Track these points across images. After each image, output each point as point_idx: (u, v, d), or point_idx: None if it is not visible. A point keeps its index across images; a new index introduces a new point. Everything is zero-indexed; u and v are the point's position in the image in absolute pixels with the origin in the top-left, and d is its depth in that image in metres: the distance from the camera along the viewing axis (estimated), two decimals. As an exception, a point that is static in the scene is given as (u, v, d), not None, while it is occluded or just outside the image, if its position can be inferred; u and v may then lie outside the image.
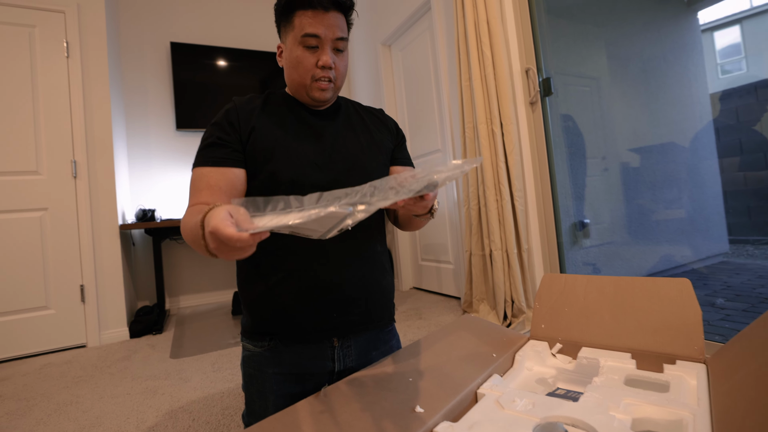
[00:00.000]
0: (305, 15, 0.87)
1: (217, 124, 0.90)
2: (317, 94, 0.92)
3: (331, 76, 0.91)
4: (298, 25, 0.88)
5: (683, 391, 0.63)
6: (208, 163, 0.86)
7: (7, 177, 2.28)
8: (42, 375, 1.96)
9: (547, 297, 0.93)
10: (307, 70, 0.90)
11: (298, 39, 0.88)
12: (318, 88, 0.91)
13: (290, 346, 0.90)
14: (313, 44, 0.88)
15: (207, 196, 0.83)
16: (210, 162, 0.86)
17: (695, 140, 2.14)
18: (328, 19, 0.87)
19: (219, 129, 0.88)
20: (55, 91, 2.41)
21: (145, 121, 3.34)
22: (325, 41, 0.88)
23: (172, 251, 3.34)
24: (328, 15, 0.87)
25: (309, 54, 0.89)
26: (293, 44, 0.90)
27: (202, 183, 0.84)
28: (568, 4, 2.31)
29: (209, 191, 0.83)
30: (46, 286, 2.33)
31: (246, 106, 0.92)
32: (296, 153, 0.89)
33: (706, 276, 2.15)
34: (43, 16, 2.40)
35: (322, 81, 0.91)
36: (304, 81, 0.91)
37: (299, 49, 0.89)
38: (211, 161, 0.86)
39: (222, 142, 0.87)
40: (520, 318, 2.10)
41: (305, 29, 0.87)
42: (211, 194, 0.83)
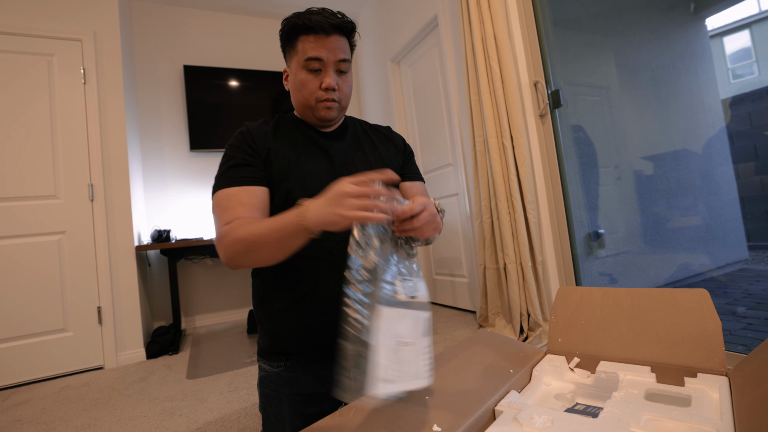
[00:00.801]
0: (308, 39, 0.90)
1: (237, 147, 0.91)
2: (323, 113, 0.94)
3: (335, 97, 0.94)
4: (301, 49, 0.90)
5: (705, 405, 0.62)
6: (235, 183, 0.86)
7: (27, 202, 2.33)
8: (60, 398, 1.98)
9: (563, 310, 0.92)
10: (312, 92, 0.93)
11: (301, 63, 0.91)
12: (324, 108, 0.94)
13: (307, 365, 0.90)
14: (316, 67, 0.91)
15: (242, 211, 0.83)
16: (237, 182, 0.86)
17: (708, 146, 2.11)
18: (330, 43, 0.90)
19: (241, 150, 0.90)
20: (72, 117, 2.48)
21: (160, 143, 3.41)
22: (328, 64, 0.91)
23: (187, 271, 3.37)
24: (330, 39, 0.90)
25: (313, 77, 0.92)
26: (297, 68, 0.93)
27: (233, 202, 0.84)
28: (575, 16, 2.33)
29: (243, 208, 0.83)
30: (64, 309, 2.37)
31: (259, 130, 0.94)
32: (309, 174, 0.91)
33: (725, 284, 2.10)
34: (61, 44, 2.48)
35: (327, 101, 0.93)
36: (310, 102, 0.94)
37: (303, 73, 0.92)
38: (237, 181, 0.86)
39: (247, 162, 0.88)
40: (536, 331, 2.07)
41: (308, 53, 0.90)
42: (245, 210, 0.83)
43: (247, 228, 0.76)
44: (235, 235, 0.76)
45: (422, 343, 0.61)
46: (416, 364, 0.58)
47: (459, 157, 2.67)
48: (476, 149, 2.30)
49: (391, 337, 0.56)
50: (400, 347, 0.57)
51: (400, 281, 0.62)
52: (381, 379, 0.51)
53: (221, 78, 3.61)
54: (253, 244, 0.74)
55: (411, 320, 0.61)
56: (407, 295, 0.62)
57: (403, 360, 0.56)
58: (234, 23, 3.81)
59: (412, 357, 0.58)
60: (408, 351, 0.57)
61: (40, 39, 2.43)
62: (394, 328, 0.57)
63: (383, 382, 0.51)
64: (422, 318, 0.63)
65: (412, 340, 0.59)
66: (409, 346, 0.58)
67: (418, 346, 0.60)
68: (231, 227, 0.79)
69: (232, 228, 0.78)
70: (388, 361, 0.54)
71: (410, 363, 0.56)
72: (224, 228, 0.80)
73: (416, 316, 0.62)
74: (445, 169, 3.00)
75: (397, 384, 0.53)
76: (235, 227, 0.78)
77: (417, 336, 0.60)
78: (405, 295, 0.62)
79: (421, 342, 0.61)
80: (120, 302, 2.51)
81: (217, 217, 0.85)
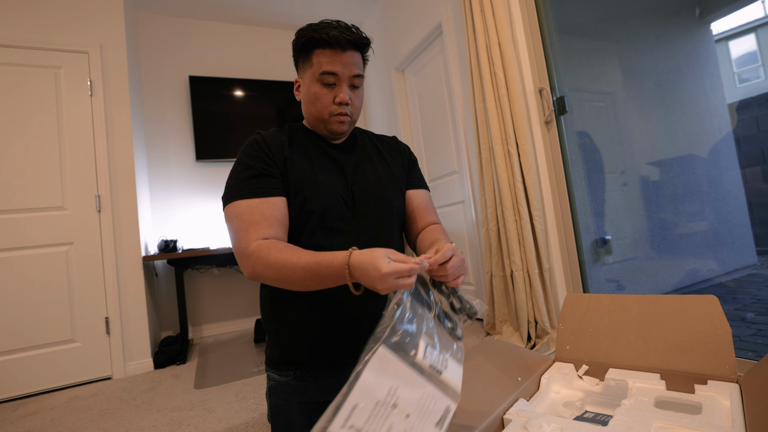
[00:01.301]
0: (323, 53, 0.90)
1: (254, 156, 0.90)
2: (335, 127, 0.95)
3: (347, 111, 0.94)
4: (317, 63, 0.91)
5: (716, 412, 0.61)
6: (257, 194, 0.86)
7: (35, 213, 2.36)
8: (69, 408, 1.99)
9: (571, 318, 0.92)
10: (325, 106, 0.93)
11: (316, 76, 0.92)
12: (336, 121, 0.94)
13: (316, 375, 0.90)
14: (330, 81, 0.91)
15: (267, 228, 0.83)
16: (258, 193, 0.86)
17: (715, 151, 2.10)
18: (345, 58, 0.91)
19: (260, 160, 0.89)
20: (79, 128, 2.51)
21: (166, 154, 3.44)
22: (342, 78, 0.92)
23: (194, 281, 3.38)
24: (346, 54, 0.91)
25: (327, 91, 0.92)
26: (311, 81, 0.93)
27: (255, 215, 0.84)
28: (579, 22, 2.34)
29: (267, 223, 0.84)
30: (72, 320, 2.38)
31: (274, 139, 0.94)
32: (323, 185, 0.92)
33: (734, 290, 2.08)
34: (68, 57, 2.51)
35: (340, 115, 0.94)
36: (322, 116, 0.94)
37: (317, 86, 0.92)
38: (259, 192, 0.86)
39: (266, 172, 0.88)
40: (544, 339, 2.06)
41: (323, 67, 0.90)
42: (270, 226, 0.83)
43: (281, 256, 0.76)
44: (266, 261, 0.77)
45: (427, 428, 0.51)
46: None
47: (464, 165, 2.67)
48: (481, 156, 2.31)
49: (382, 386, 0.48)
50: (390, 407, 0.48)
51: (426, 343, 0.55)
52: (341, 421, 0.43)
53: (226, 88, 3.64)
54: (286, 277, 0.76)
55: (420, 392, 0.52)
56: (430, 363, 0.54)
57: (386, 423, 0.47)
58: (238, 33, 3.85)
59: (401, 429, 0.48)
60: (398, 419, 0.48)
61: (47, 52, 2.47)
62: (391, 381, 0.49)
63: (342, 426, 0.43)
64: (441, 402, 0.54)
65: (412, 412, 0.50)
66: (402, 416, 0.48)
67: (418, 426, 0.50)
68: (261, 248, 0.79)
69: (261, 249, 0.79)
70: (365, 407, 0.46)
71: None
72: (253, 246, 0.80)
73: (432, 393, 0.53)
74: (450, 177, 3.00)
75: None
76: (267, 250, 0.78)
77: (422, 415, 0.51)
78: (426, 361, 0.54)
79: (425, 427, 0.51)
80: (127, 312, 2.52)
81: (241, 230, 0.83)
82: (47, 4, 2.49)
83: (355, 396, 0.45)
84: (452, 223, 2.98)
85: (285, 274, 0.75)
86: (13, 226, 2.30)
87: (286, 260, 0.75)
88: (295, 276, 0.74)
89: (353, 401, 0.45)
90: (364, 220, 0.94)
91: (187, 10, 3.55)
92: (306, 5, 3.66)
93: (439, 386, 0.55)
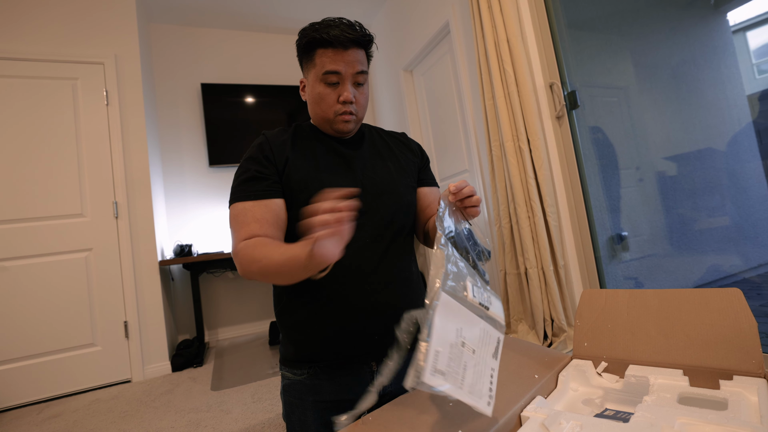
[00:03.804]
0: (326, 53, 0.90)
1: (252, 159, 0.91)
2: (341, 126, 0.95)
3: (352, 109, 0.94)
4: (319, 63, 0.91)
5: (743, 408, 0.59)
6: (250, 197, 0.87)
7: (55, 221, 2.41)
8: (91, 411, 2.02)
9: (588, 314, 0.90)
10: (330, 105, 0.93)
11: (319, 76, 0.92)
12: (342, 120, 0.94)
13: (330, 373, 0.90)
14: (334, 81, 0.91)
15: (256, 228, 0.85)
16: (252, 196, 0.87)
17: (735, 144, 2.05)
18: (348, 56, 0.90)
19: (256, 163, 0.90)
20: (96, 137, 2.56)
21: (180, 160, 3.48)
22: (346, 77, 0.91)
23: (209, 284, 3.42)
24: (348, 52, 0.90)
25: (331, 90, 0.92)
26: (315, 81, 0.93)
27: (248, 217, 0.86)
28: (589, 17, 2.30)
29: (258, 224, 0.85)
30: (93, 324, 2.42)
31: (277, 139, 0.95)
32: (329, 183, 0.91)
33: (759, 285, 2.02)
34: (84, 68, 2.57)
35: (345, 114, 0.94)
36: (328, 115, 0.94)
37: (321, 86, 0.92)
38: (253, 195, 0.88)
39: (261, 175, 0.89)
40: (561, 337, 2.03)
41: (326, 67, 0.90)
42: (260, 227, 0.85)
43: (262, 252, 0.78)
44: (250, 257, 0.79)
45: (488, 362, 0.55)
46: (477, 378, 0.52)
47: (475, 163, 2.65)
48: (492, 154, 2.29)
49: (450, 329, 0.52)
50: (460, 347, 0.52)
51: (471, 283, 0.59)
52: (431, 368, 0.46)
53: (238, 94, 3.68)
54: (266, 269, 0.77)
55: (478, 329, 0.56)
56: (479, 301, 0.58)
57: (461, 362, 0.51)
58: (249, 40, 3.90)
59: (472, 366, 0.52)
60: (469, 356, 0.52)
61: (64, 64, 2.53)
62: (456, 323, 0.53)
63: (433, 372, 0.46)
64: (493, 334, 0.58)
65: (477, 348, 0.54)
66: (471, 353, 0.53)
67: (484, 361, 0.54)
68: (247, 246, 0.81)
69: (248, 246, 0.81)
70: (444, 351, 0.49)
71: (469, 371, 0.51)
72: (240, 245, 0.83)
73: (485, 329, 0.57)
74: (461, 176, 2.98)
75: (449, 382, 0.48)
76: (251, 246, 0.80)
77: (483, 349, 0.55)
78: (476, 299, 0.58)
79: (487, 359, 0.55)
80: (145, 316, 2.55)
81: (234, 231, 0.87)
82: (63, 19, 2.56)
83: (435, 343, 0.48)
84: (465, 222, 2.96)
85: (265, 266, 0.77)
86: (35, 234, 2.36)
87: (267, 253, 0.77)
88: (272, 267, 0.76)
89: (434, 348, 0.48)
90: (375, 215, 0.93)
91: (198, 20, 3.61)
92: (313, 9, 3.68)
93: (488, 321, 0.59)
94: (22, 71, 2.43)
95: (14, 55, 2.42)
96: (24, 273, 2.32)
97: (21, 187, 2.36)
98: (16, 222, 2.34)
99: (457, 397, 0.48)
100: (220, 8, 3.49)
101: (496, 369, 0.56)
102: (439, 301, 0.52)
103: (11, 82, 2.41)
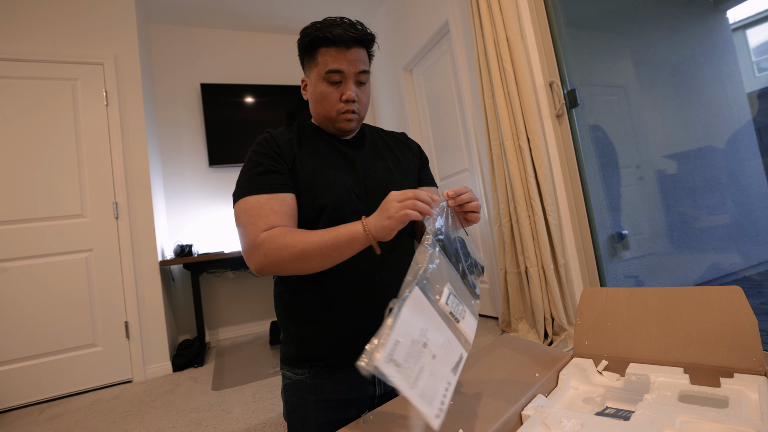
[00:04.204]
0: (328, 52, 0.90)
1: (264, 154, 0.91)
2: (343, 125, 0.95)
3: (354, 108, 0.94)
4: (322, 62, 0.91)
5: (744, 406, 0.59)
6: (265, 190, 0.86)
7: (56, 222, 2.41)
8: (92, 411, 2.02)
9: (589, 312, 0.90)
10: (332, 104, 0.93)
11: (322, 75, 0.92)
12: (344, 119, 0.95)
13: (331, 372, 0.90)
14: (336, 80, 0.91)
15: (276, 220, 0.83)
16: (267, 189, 0.86)
17: (735, 142, 2.05)
18: (350, 55, 0.90)
19: (268, 158, 0.90)
20: (96, 138, 2.56)
21: (180, 160, 3.48)
22: (348, 76, 0.91)
23: (209, 285, 3.42)
24: (350, 51, 0.90)
25: (333, 89, 0.92)
26: (317, 80, 0.93)
27: (264, 209, 0.84)
28: (588, 15, 2.30)
29: (276, 216, 0.84)
30: (94, 324, 2.42)
31: (283, 137, 0.95)
32: (334, 181, 0.92)
33: (760, 283, 2.02)
34: (84, 69, 2.57)
35: (348, 113, 0.94)
36: (330, 114, 0.94)
37: (323, 85, 0.92)
38: (268, 188, 0.86)
39: (275, 169, 0.89)
40: (561, 335, 2.03)
41: (329, 66, 0.90)
42: (279, 219, 0.84)
43: (296, 236, 0.78)
44: (281, 242, 0.78)
45: (446, 374, 0.53)
46: (431, 385, 0.50)
47: (475, 162, 2.65)
48: (492, 153, 2.29)
49: (416, 325, 0.51)
50: (422, 347, 0.50)
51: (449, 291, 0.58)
52: (387, 355, 0.45)
53: (237, 94, 3.68)
54: (305, 252, 0.76)
55: (443, 337, 0.55)
56: (450, 310, 0.58)
57: (419, 362, 0.49)
58: (248, 40, 3.89)
59: (429, 370, 0.50)
60: (428, 359, 0.51)
61: (64, 65, 2.53)
62: (423, 321, 0.52)
63: (388, 360, 0.45)
64: (457, 348, 0.57)
65: (438, 355, 0.52)
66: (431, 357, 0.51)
67: (441, 372, 0.52)
68: (272, 234, 0.79)
69: (273, 235, 0.79)
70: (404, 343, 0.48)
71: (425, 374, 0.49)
72: (263, 235, 0.80)
73: (450, 339, 0.56)
74: (461, 175, 2.98)
75: (402, 376, 0.46)
76: (278, 235, 0.79)
77: (444, 359, 0.54)
78: (448, 307, 0.57)
79: (446, 370, 0.53)
80: (146, 317, 2.56)
81: (249, 224, 0.83)
82: (62, 19, 2.55)
83: (397, 332, 0.48)
84: (466, 221, 2.96)
85: (302, 249, 0.76)
86: (35, 234, 2.36)
87: (302, 236, 0.77)
88: (311, 248, 0.76)
89: (395, 337, 0.47)
90: None
91: (197, 20, 3.61)
92: (313, 8, 3.68)
93: (455, 333, 0.58)
94: (22, 72, 2.43)
95: (14, 56, 2.42)
96: (25, 274, 2.32)
97: (21, 187, 2.36)
98: (17, 223, 2.34)
99: (406, 395, 0.46)
100: (219, 8, 3.49)
101: (452, 384, 0.53)
102: (410, 293, 0.52)
103: (11, 83, 2.41)
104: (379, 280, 0.91)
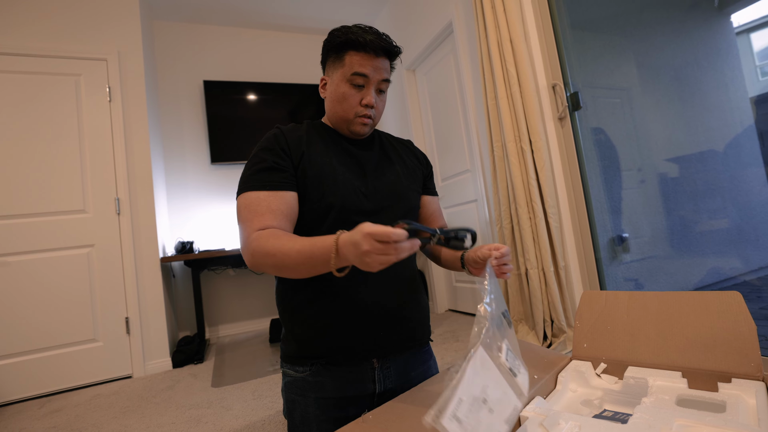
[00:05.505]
0: (357, 55, 0.92)
1: (269, 150, 0.91)
2: (358, 128, 0.97)
3: (371, 114, 0.96)
4: (348, 63, 0.93)
5: (742, 410, 0.60)
6: (266, 187, 0.87)
7: (58, 217, 2.42)
8: (92, 406, 2.03)
9: (588, 315, 0.90)
10: (352, 106, 0.95)
11: (346, 76, 0.93)
12: (360, 123, 0.96)
13: (332, 369, 0.91)
14: (360, 83, 0.93)
15: (271, 219, 0.84)
16: (268, 186, 0.87)
17: (737, 146, 2.05)
18: (377, 62, 0.93)
19: (273, 154, 0.90)
20: (98, 134, 2.56)
21: (182, 157, 3.49)
22: (372, 82, 0.94)
23: (210, 282, 3.42)
24: (378, 59, 0.93)
25: (355, 92, 0.94)
26: (341, 80, 0.94)
27: (261, 207, 0.85)
28: (592, 18, 2.30)
29: (272, 215, 0.84)
30: (94, 320, 2.43)
31: (293, 134, 0.96)
32: (343, 180, 0.93)
33: (759, 288, 2.03)
34: (87, 64, 2.58)
35: (364, 117, 0.96)
36: (348, 116, 0.96)
37: (346, 86, 0.94)
38: (269, 185, 0.87)
39: (278, 167, 0.89)
40: (560, 338, 2.03)
41: (355, 68, 0.92)
42: (274, 218, 0.84)
43: (278, 243, 0.77)
44: (265, 249, 0.78)
45: (500, 426, 0.55)
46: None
47: (477, 163, 2.65)
48: (494, 154, 2.29)
49: (478, 384, 0.53)
50: (481, 403, 0.53)
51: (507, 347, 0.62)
52: (451, 413, 0.48)
53: (240, 92, 3.69)
54: (282, 262, 0.76)
55: (500, 391, 0.57)
56: (510, 366, 0.61)
57: (478, 417, 0.52)
58: (251, 38, 3.90)
59: (486, 424, 0.53)
60: (486, 414, 0.53)
61: (67, 60, 2.53)
62: (484, 378, 0.55)
63: (452, 417, 0.48)
64: (512, 401, 0.59)
65: (494, 409, 0.55)
66: (488, 411, 0.54)
67: (497, 424, 0.55)
68: (261, 236, 0.80)
69: (262, 237, 0.80)
70: (466, 401, 0.51)
71: (482, 428, 0.52)
72: (254, 234, 0.81)
73: (507, 393, 0.59)
74: (463, 176, 2.99)
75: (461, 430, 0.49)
76: (265, 238, 0.79)
77: (499, 411, 0.56)
78: (507, 363, 0.61)
79: (500, 422, 0.55)
80: (146, 313, 2.56)
81: (246, 220, 0.85)
82: (67, 15, 2.56)
83: (461, 391, 0.50)
84: (465, 221, 2.97)
85: (281, 260, 0.76)
86: (37, 229, 2.37)
87: (282, 245, 0.76)
88: (290, 261, 0.75)
89: (459, 395, 0.50)
90: (383, 216, 0.95)
91: (201, 17, 3.61)
92: (315, 7, 3.68)
93: (513, 387, 0.61)
94: (25, 67, 2.44)
95: (17, 50, 2.42)
96: (26, 269, 2.33)
97: (23, 182, 2.37)
98: (18, 218, 2.35)
99: None
100: (222, 5, 3.49)
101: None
102: (476, 353, 0.55)
103: (14, 78, 2.41)
104: (381, 279, 0.91)
